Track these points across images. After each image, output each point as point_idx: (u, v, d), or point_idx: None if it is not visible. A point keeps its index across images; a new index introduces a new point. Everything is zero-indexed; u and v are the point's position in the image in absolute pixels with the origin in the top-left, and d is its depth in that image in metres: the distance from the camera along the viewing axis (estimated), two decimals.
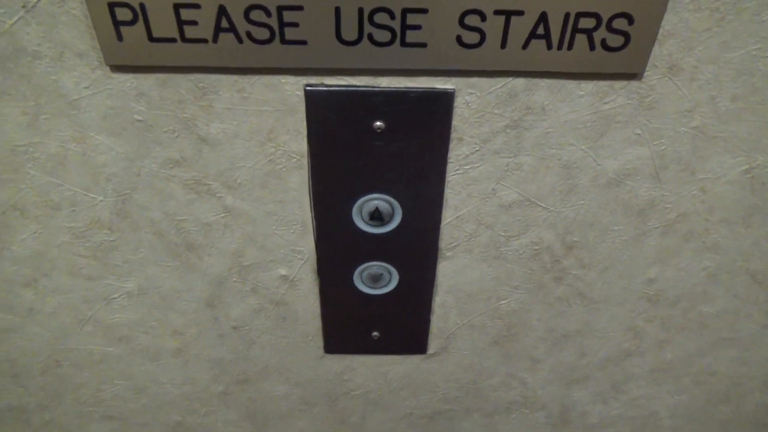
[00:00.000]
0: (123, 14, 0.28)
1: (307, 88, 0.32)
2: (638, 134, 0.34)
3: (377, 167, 0.35)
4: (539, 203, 0.37)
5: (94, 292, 0.41)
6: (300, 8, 0.28)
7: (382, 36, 0.30)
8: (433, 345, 0.46)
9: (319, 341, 0.45)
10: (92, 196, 0.36)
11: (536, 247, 0.39)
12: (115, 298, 0.41)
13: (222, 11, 0.29)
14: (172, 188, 0.35)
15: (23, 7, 0.28)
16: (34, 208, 0.36)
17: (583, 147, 0.34)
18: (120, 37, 0.29)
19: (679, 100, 0.32)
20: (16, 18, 0.29)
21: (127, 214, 0.37)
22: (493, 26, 0.29)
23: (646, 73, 0.31)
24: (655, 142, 0.34)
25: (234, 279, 0.41)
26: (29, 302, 0.42)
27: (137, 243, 0.38)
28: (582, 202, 0.37)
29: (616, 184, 0.36)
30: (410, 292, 0.42)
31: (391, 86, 0.32)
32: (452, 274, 0.41)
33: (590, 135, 0.34)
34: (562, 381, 0.49)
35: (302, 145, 0.34)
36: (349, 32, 0.29)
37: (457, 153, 0.34)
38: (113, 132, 0.33)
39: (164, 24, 0.29)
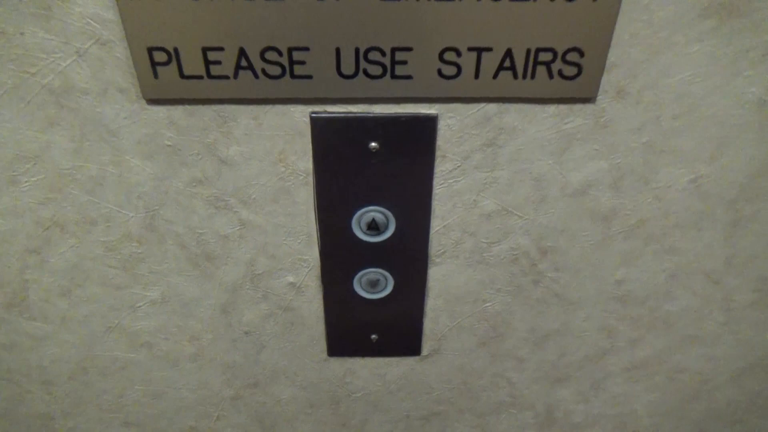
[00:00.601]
0: (159, 56, 0.34)
1: (313, 115, 0.37)
2: (596, 149, 0.39)
3: (373, 182, 0.40)
4: (515, 212, 0.42)
5: (121, 301, 0.46)
6: (307, 49, 0.34)
7: (375, 70, 0.35)
8: (426, 347, 0.50)
9: (323, 344, 0.50)
10: (125, 212, 0.41)
11: (515, 252, 0.45)
12: (140, 306, 0.46)
13: (242, 52, 0.34)
14: (194, 204, 0.41)
15: (76, 52, 0.34)
16: (73, 224, 0.41)
17: (549, 161, 0.40)
18: (156, 75, 0.35)
19: (629, 119, 0.38)
20: (69, 61, 0.34)
21: (155, 228, 0.42)
22: (468, 60, 0.35)
23: (598, 98, 0.37)
24: (611, 156, 0.40)
25: (247, 286, 0.45)
26: (63, 311, 0.46)
27: (162, 254, 0.43)
28: (552, 210, 0.42)
29: (581, 193, 0.41)
30: (404, 296, 0.47)
31: (384, 112, 0.38)
32: (441, 278, 0.46)
33: (555, 151, 0.39)
34: (546, 380, 0.54)
35: (308, 164, 0.39)
36: (348, 68, 0.35)
37: (441, 169, 0.40)
38: (146, 155, 0.38)
39: (193, 64, 0.34)
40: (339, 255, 0.44)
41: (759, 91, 0.37)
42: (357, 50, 0.35)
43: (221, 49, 0.34)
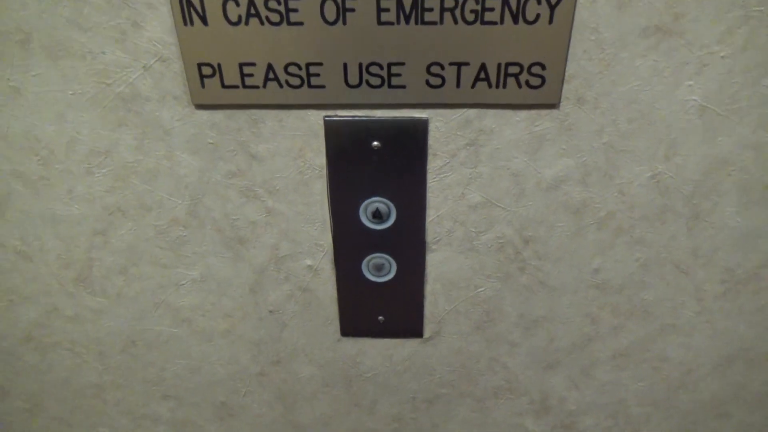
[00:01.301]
0: (206, 70, 0.44)
1: (326, 118, 0.46)
2: (564, 149, 0.47)
3: (376, 176, 0.48)
4: (498, 204, 0.50)
5: (168, 279, 0.55)
6: (320, 64, 0.43)
7: (376, 81, 0.44)
8: (428, 329, 0.57)
9: (337, 325, 0.57)
10: (174, 200, 0.50)
11: (501, 241, 0.51)
12: (183, 284, 0.55)
13: (269, 67, 0.44)
14: (229, 194, 0.50)
15: (143, 67, 0.44)
16: (132, 209, 0.51)
17: (524, 159, 0.47)
18: (203, 86, 0.44)
19: (589, 123, 0.45)
20: (137, 74, 0.44)
21: (197, 214, 0.51)
22: (450, 73, 0.44)
23: (561, 104, 0.45)
24: (577, 155, 0.47)
25: (272, 268, 0.54)
26: (119, 287, 0.55)
27: (202, 238, 0.52)
28: (530, 203, 0.49)
29: (554, 188, 0.49)
30: (406, 280, 0.54)
31: (384, 116, 0.46)
32: (438, 264, 0.53)
33: (529, 150, 0.47)
34: (538, 365, 0.59)
35: (322, 160, 0.48)
36: (353, 79, 0.44)
37: (433, 165, 0.48)
38: (192, 151, 0.48)
39: (232, 76, 0.44)
40: (349, 241, 0.52)
41: (699, 99, 0.44)
42: (361, 65, 0.43)
43: (253, 64, 0.43)
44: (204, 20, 0.42)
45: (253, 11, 0.41)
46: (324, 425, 0.65)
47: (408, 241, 0.52)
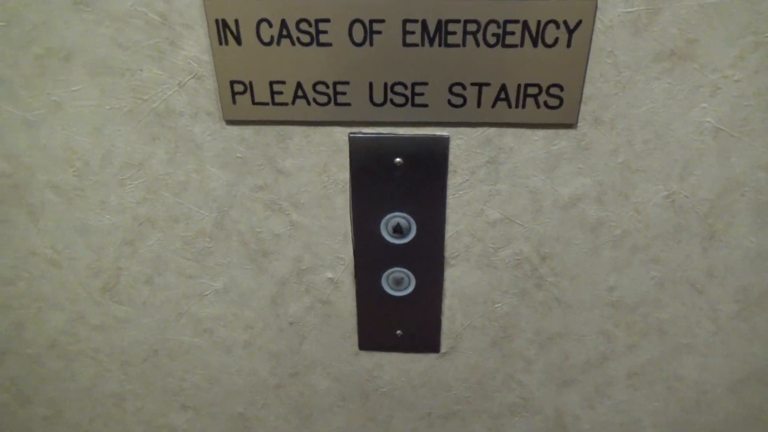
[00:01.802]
0: (238, 88, 0.46)
1: (350, 135, 0.48)
2: (581, 168, 0.48)
3: (397, 192, 0.50)
4: (516, 221, 0.51)
5: (192, 290, 0.56)
6: (347, 83, 0.45)
7: (400, 100, 0.46)
8: (444, 344, 0.58)
9: (355, 338, 0.58)
10: (202, 212, 0.52)
11: (518, 257, 0.53)
12: (206, 295, 0.56)
13: (298, 85, 0.46)
14: (255, 207, 0.51)
15: (178, 84, 0.46)
16: (161, 221, 0.52)
17: (542, 177, 0.49)
18: (234, 102, 0.46)
19: (606, 143, 0.47)
20: (172, 91, 0.46)
21: (223, 226, 0.52)
22: (471, 93, 0.45)
23: (578, 124, 0.46)
24: (593, 174, 0.48)
25: (293, 281, 0.55)
26: (145, 297, 0.57)
27: (227, 249, 0.54)
28: (548, 220, 0.51)
29: (571, 206, 0.50)
30: (424, 295, 0.55)
31: (406, 134, 0.48)
32: (456, 279, 0.54)
33: (546, 168, 0.48)
34: (554, 383, 0.60)
35: (346, 175, 0.49)
36: (378, 98, 0.46)
37: (453, 181, 0.49)
38: (221, 165, 0.49)
39: (262, 93, 0.46)
40: (369, 255, 0.53)
41: (714, 121, 0.45)
42: (385, 84, 0.45)
43: (283, 82, 0.45)
44: (238, 40, 0.44)
45: (284, 32, 0.44)
46: None
47: (427, 256, 0.53)
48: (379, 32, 0.44)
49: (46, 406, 0.66)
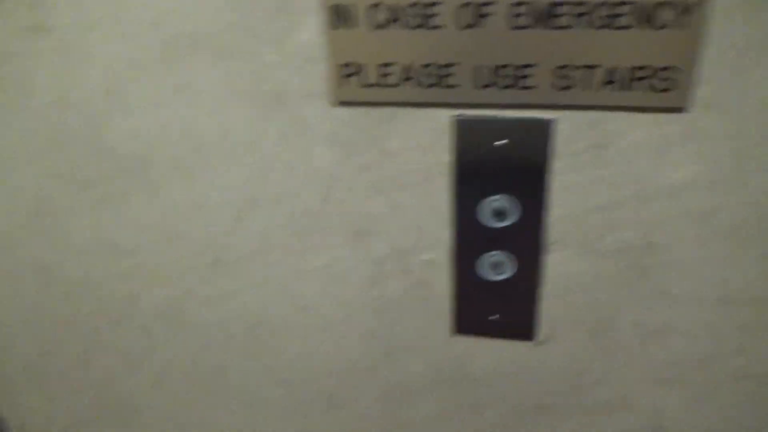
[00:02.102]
0: (349, 70, 0.48)
1: (455, 116, 0.49)
2: (691, 154, 0.47)
3: (500, 174, 0.50)
4: (621, 207, 0.50)
5: (294, 267, 0.59)
6: (455, 65, 0.46)
7: (506, 82, 0.46)
8: (541, 332, 0.57)
9: (449, 322, 0.59)
10: (307, 191, 0.54)
11: (622, 245, 0.51)
12: (307, 272, 0.59)
13: (407, 68, 0.47)
14: (359, 187, 0.53)
15: (294, 67, 0.49)
16: (269, 198, 0.55)
17: (650, 163, 0.48)
18: (345, 84, 0.48)
19: (718, 128, 0.45)
20: (288, 73, 0.49)
21: (327, 205, 0.55)
22: (579, 75, 0.45)
23: (690, 108, 0.45)
24: (705, 161, 0.47)
25: (391, 261, 0.56)
26: (250, 273, 0.60)
27: (330, 228, 0.56)
28: (656, 207, 0.49)
29: (680, 193, 0.48)
30: (523, 280, 0.55)
31: (511, 116, 0.48)
32: (556, 266, 0.54)
33: (654, 154, 0.47)
34: (654, 381, 0.58)
35: (448, 157, 0.50)
36: (485, 80, 0.47)
37: (556, 165, 0.49)
38: (329, 146, 0.52)
39: (372, 75, 0.48)
40: (468, 237, 0.54)
41: None
42: (493, 66, 0.46)
43: (393, 64, 0.47)
44: (351, 24, 0.46)
45: (396, 16, 0.45)
46: (427, 425, 0.66)
47: (528, 241, 0.53)
48: (487, 15, 0.44)
49: (152, 375, 0.71)
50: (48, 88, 0.54)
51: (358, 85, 0.48)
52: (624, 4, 0.42)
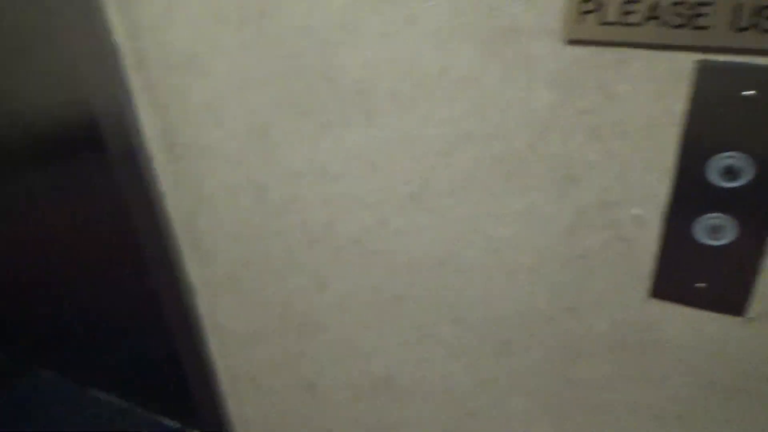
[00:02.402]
0: (587, 7, 0.46)
1: (698, 62, 0.45)
2: None
3: (739, 129, 0.46)
4: None
5: (492, 208, 0.59)
6: (711, 3, 0.43)
7: None
8: (753, 308, 0.53)
9: (648, 283, 0.56)
10: (520, 131, 0.54)
11: None
12: (504, 215, 0.59)
13: (654, 6, 0.45)
14: (575, 130, 0.52)
15: (527, 1, 0.48)
16: (480, 136, 0.56)
17: None
18: (582, 21, 0.47)
19: None
20: (520, 8, 0.49)
21: (538, 147, 0.54)
22: None
23: None
24: None
25: (595, 212, 0.55)
26: (446, 208, 0.62)
27: (536, 171, 0.55)
28: None
29: None
30: (744, 248, 0.51)
31: (765, 63, 0.44)
32: None
33: None
34: None
35: (682, 107, 0.47)
36: (744, 21, 0.43)
37: None
38: (550, 85, 0.51)
39: (613, 13, 0.46)
40: (689, 195, 0.50)
41: None
42: (756, 7, 0.42)
43: (637, 2, 0.45)
44: None
45: None
46: (599, 387, 0.65)
47: (757, 206, 0.48)
48: None
49: (336, 297, 0.77)
50: (290, 15, 0.59)
51: (595, 22, 0.47)
52: None
